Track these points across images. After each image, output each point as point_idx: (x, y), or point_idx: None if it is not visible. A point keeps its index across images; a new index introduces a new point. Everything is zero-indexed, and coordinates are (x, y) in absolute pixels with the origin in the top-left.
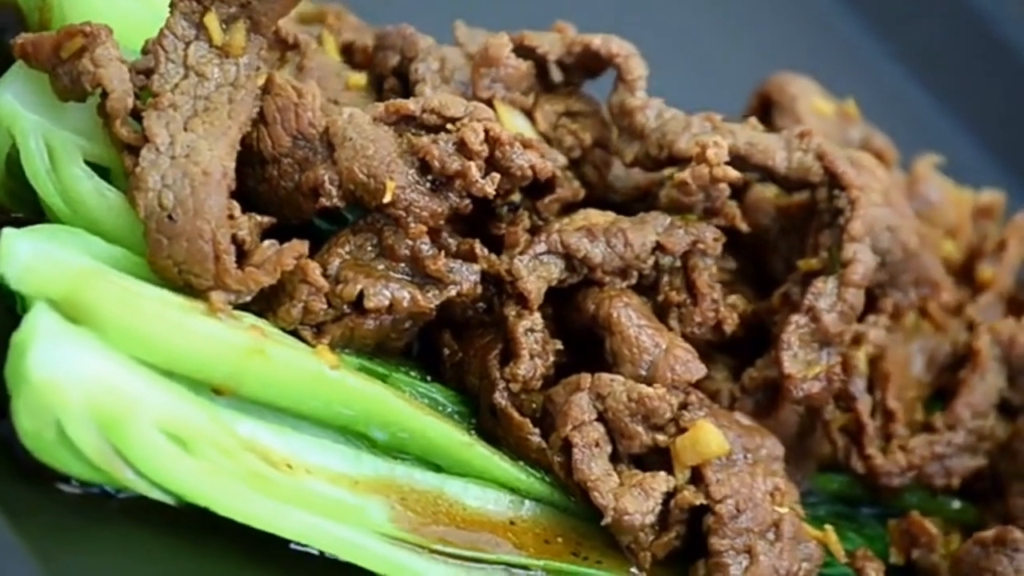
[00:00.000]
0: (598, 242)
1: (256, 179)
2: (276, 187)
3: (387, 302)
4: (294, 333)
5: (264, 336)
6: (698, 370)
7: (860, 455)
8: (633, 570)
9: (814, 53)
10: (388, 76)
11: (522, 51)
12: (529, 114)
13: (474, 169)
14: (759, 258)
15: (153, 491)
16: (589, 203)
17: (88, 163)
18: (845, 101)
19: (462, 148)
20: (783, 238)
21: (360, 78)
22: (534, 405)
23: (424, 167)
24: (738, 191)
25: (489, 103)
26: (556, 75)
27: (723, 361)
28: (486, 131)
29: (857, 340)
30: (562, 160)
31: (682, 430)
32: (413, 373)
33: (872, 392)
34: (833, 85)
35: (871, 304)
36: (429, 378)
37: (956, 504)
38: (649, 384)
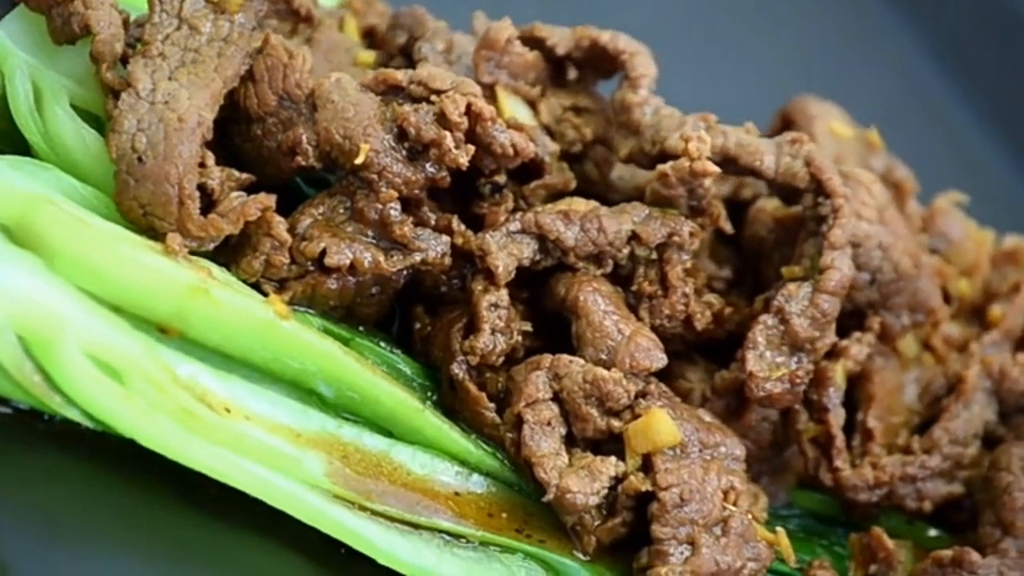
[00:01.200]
0: (573, 226)
1: (242, 137)
2: (259, 146)
3: (348, 261)
4: (257, 287)
5: (211, 277)
6: (658, 359)
7: (828, 467)
8: (578, 554)
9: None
10: (396, 55)
11: (530, 41)
12: (533, 105)
13: (449, 139)
14: (755, 269)
15: (84, 419)
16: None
17: (80, 110)
18: (868, 129)
19: (441, 119)
20: (777, 249)
21: (369, 55)
22: (499, 384)
23: (402, 134)
24: (743, 205)
25: (491, 88)
26: (571, 74)
27: (703, 364)
28: (468, 105)
29: (837, 353)
30: (553, 148)
31: (637, 417)
32: (383, 344)
33: (855, 411)
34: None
35: (859, 322)
36: (399, 351)
37: (932, 532)
38: (608, 369)
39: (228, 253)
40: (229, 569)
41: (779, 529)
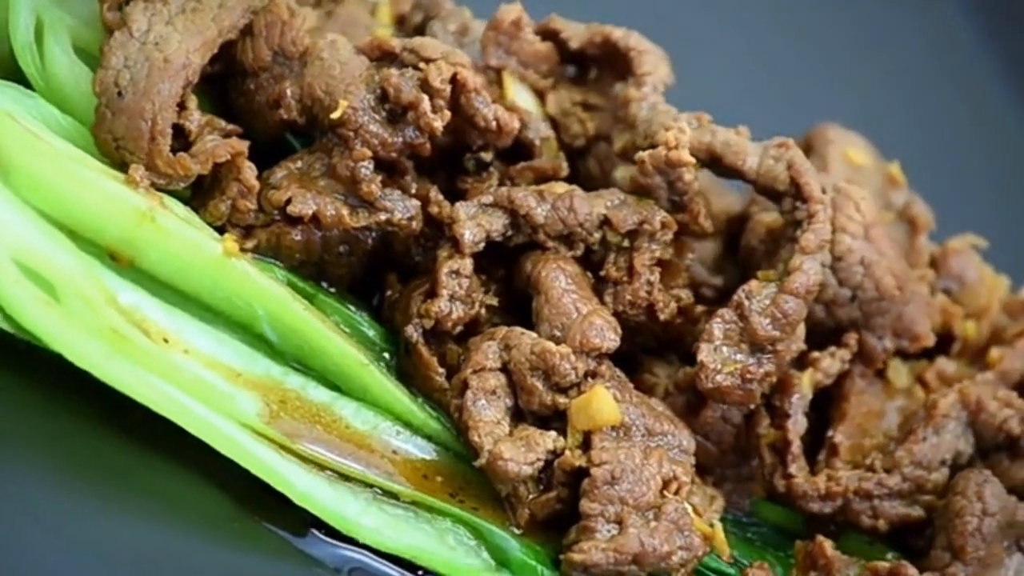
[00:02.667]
0: (544, 204)
1: (236, 92)
2: (251, 100)
3: (311, 211)
4: (222, 233)
5: (161, 205)
6: (609, 340)
7: (783, 473)
8: (512, 527)
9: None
10: (412, 35)
11: (546, 33)
12: (542, 95)
13: (426, 102)
14: (745, 278)
15: (13, 328)
16: None
17: (85, 52)
18: (891, 163)
19: (424, 85)
20: (766, 259)
21: (386, 32)
22: (459, 357)
23: (384, 96)
24: (743, 219)
25: (498, 73)
26: (592, 75)
27: (676, 364)
28: (454, 75)
29: (807, 363)
30: (547, 134)
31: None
32: (351, 307)
33: (828, 427)
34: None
35: (837, 338)
36: (366, 315)
37: (890, 556)
38: (559, 345)
39: (201, 197)
40: (146, 496)
41: (715, 523)
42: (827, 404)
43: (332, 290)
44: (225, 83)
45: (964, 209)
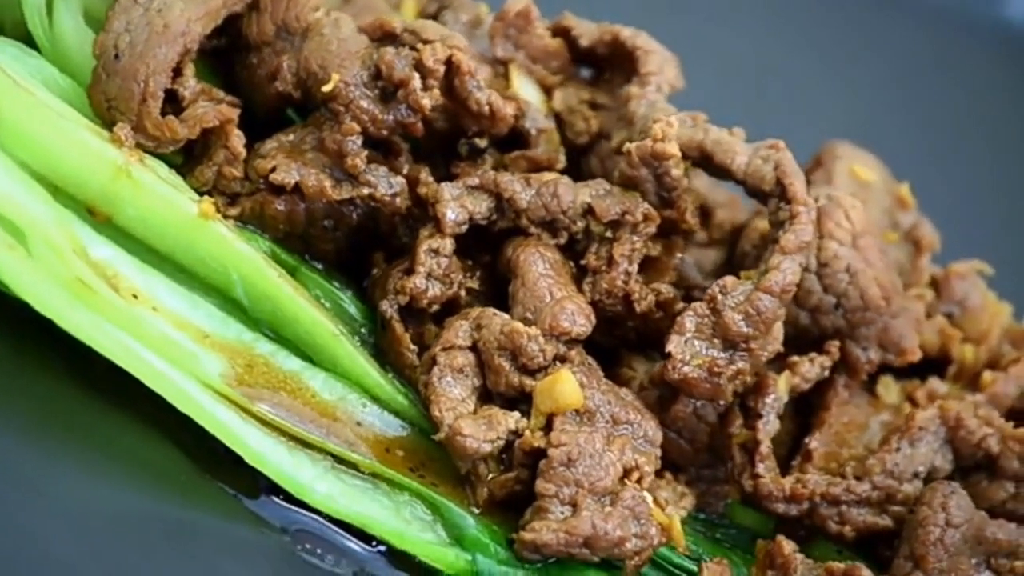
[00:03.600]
0: (529, 189)
1: (240, 66)
2: (253, 74)
3: (293, 180)
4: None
5: (140, 162)
6: (579, 325)
7: (751, 473)
8: (472, 507)
9: None
10: None
11: (557, 31)
12: (549, 91)
13: (416, 80)
14: None
15: None
16: None
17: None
18: (901, 184)
19: (418, 65)
20: (755, 265)
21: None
22: (436, 337)
23: (378, 74)
24: (740, 227)
25: (505, 65)
26: (605, 76)
27: (655, 359)
28: (449, 57)
29: (785, 365)
30: (545, 125)
31: None
32: (335, 284)
33: (805, 434)
34: None
35: (822, 347)
36: (350, 292)
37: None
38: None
39: (191, 164)
40: (101, 447)
41: (672, 514)
42: (810, 412)
43: (319, 266)
44: (232, 58)
45: (977, 235)
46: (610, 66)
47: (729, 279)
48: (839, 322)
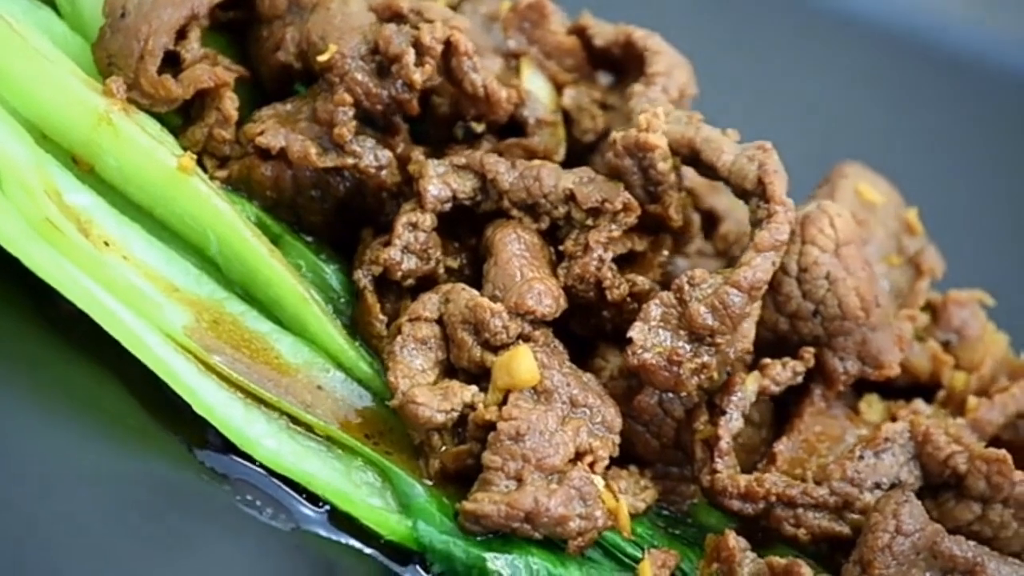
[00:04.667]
0: (513, 171)
1: (252, 38)
2: (262, 47)
3: (279, 144)
4: (201, 165)
5: (123, 113)
6: (546, 305)
7: (710, 468)
8: (424, 479)
9: None
10: None
11: (574, 29)
12: (561, 88)
13: (411, 55)
14: None
15: None
16: None
17: None
18: (909, 208)
19: (417, 43)
20: None
21: None
22: None
23: (377, 49)
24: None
25: (516, 57)
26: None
27: None
28: (449, 37)
29: (754, 366)
30: (544, 116)
31: None
32: (323, 255)
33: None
34: None
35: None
36: (335, 266)
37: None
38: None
39: (187, 125)
40: (53, 386)
41: (621, 498)
42: (782, 417)
43: (309, 239)
44: (247, 33)
45: (987, 265)
46: (625, 69)
47: (698, 271)
48: (817, 330)
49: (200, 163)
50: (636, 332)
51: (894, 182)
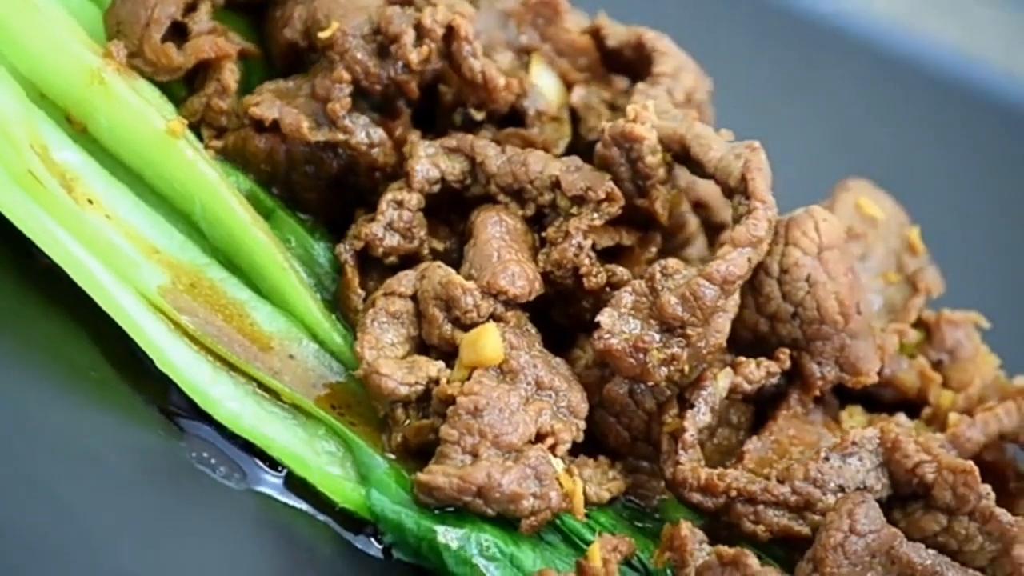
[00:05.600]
0: (501, 156)
1: (267, 19)
2: (274, 27)
3: (273, 116)
4: (199, 135)
5: (117, 72)
6: (519, 286)
7: (673, 460)
8: (388, 453)
9: None
10: None
11: (589, 29)
12: (571, 86)
13: (409, 35)
14: None
15: None
16: None
17: None
18: (912, 228)
19: (418, 24)
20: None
21: None
22: None
23: (379, 29)
24: None
25: (528, 53)
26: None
27: None
28: (451, 22)
29: (728, 363)
30: (545, 108)
31: None
32: (317, 234)
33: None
34: None
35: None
36: (324, 244)
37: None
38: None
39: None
40: (22, 337)
41: (576, 480)
42: (757, 420)
43: (306, 218)
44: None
45: (988, 288)
46: (638, 73)
47: (672, 261)
48: (796, 332)
49: (199, 135)
50: (605, 317)
51: (903, 203)
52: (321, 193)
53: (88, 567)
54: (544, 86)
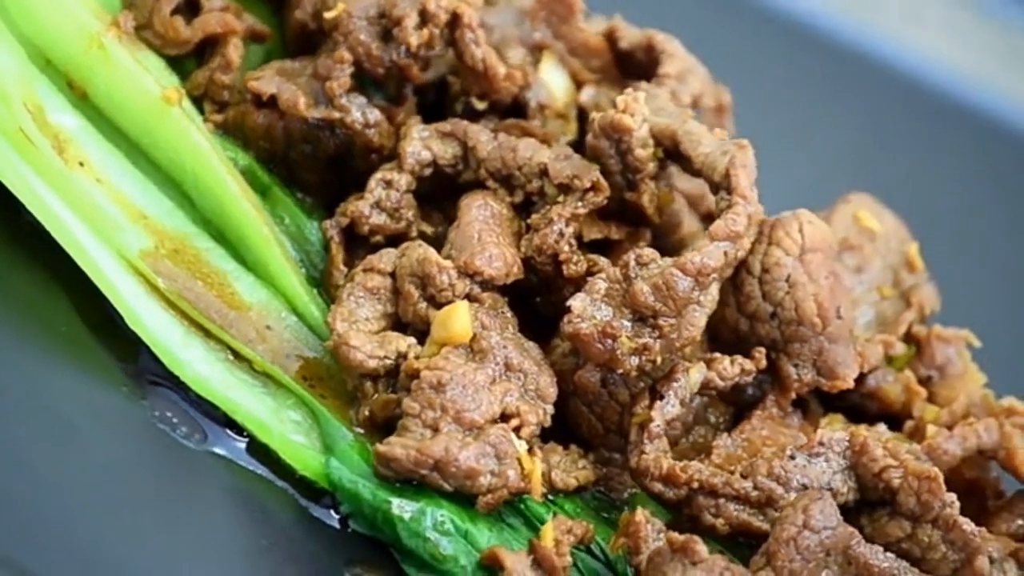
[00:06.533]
0: (493, 142)
1: (285, 4)
2: (287, 11)
3: (271, 91)
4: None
5: (117, 38)
6: (495, 268)
7: (639, 451)
8: (356, 427)
9: None
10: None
11: (605, 32)
12: (581, 85)
13: (412, 18)
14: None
15: None
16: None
17: None
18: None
19: (423, 9)
20: (735, 289)
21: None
22: None
23: (385, 14)
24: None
25: (540, 49)
26: None
27: None
28: (455, 9)
29: (701, 359)
30: (548, 102)
31: None
32: (314, 215)
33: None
34: None
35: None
36: (317, 222)
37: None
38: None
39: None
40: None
41: (536, 460)
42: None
43: (301, 196)
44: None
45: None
46: (648, 75)
47: (648, 251)
48: (774, 332)
49: (203, 110)
50: (576, 302)
51: (911, 221)
52: (320, 174)
53: (39, 520)
54: (553, 83)
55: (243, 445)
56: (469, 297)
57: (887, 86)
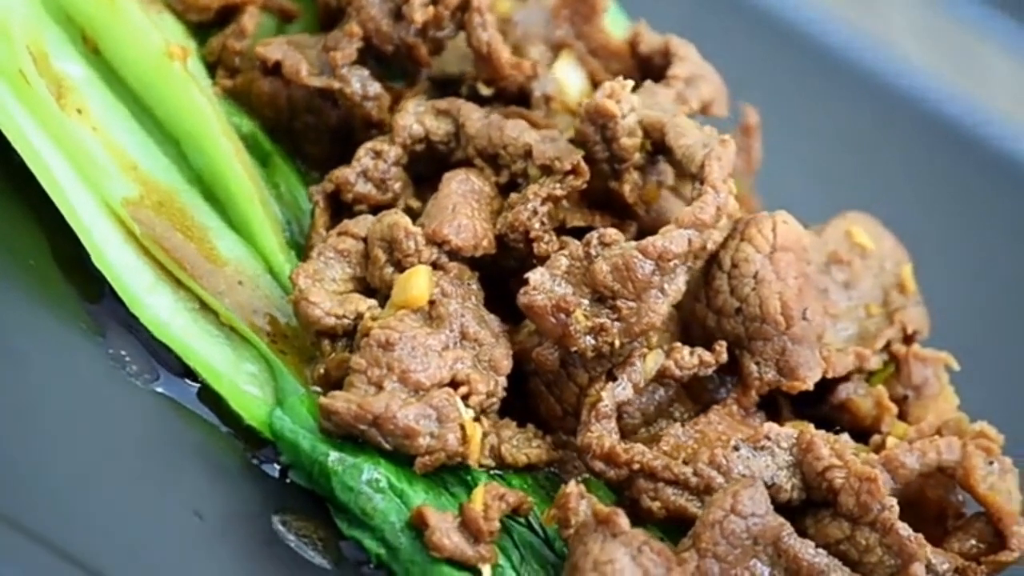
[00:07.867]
0: (483, 119)
1: None
2: None
3: (276, 57)
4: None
5: None
6: (463, 238)
7: (587, 429)
8: (314, 386)
9: None
10: None
11: (628, 36)
12: (598, 85)
13: None
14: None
15: None
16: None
17: None
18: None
19: None
20: (711, 291)
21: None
22: None
23: None
24: None
25: (560, 47)
26: None
27: None
28: None
29: (663, 348)
30: (553, 93)
31: None
32: (313, 188)
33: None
34: None
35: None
36: None
37: None
38: None
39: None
40: None
41: (476, 425)
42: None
43: (302, 167)
44: None
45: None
46: (662, 75)
47: (612, 231)
48: (739, 328)
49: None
50: (535, 275)
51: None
52: (323, 147)
53: None
54: (567, 80)
55: (194, 391)
56: (435, 265)
57: (909, 117)
